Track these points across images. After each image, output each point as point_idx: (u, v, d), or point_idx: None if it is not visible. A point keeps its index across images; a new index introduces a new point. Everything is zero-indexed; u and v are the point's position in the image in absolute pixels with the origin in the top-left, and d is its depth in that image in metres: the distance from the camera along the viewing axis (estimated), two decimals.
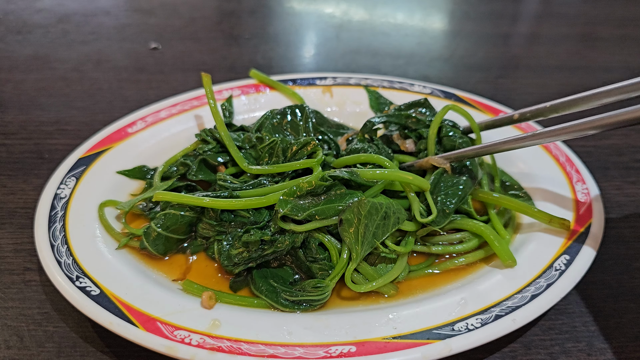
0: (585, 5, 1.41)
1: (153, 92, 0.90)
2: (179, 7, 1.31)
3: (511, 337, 0.49)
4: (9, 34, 1.13)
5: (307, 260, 0.52)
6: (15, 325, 0.50)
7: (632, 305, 0.54)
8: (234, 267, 0.52)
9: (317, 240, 0.52)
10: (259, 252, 0.52)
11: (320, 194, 0.52)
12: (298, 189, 0.51)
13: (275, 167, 0.59)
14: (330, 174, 0.53)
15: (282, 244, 0.51)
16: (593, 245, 0.54)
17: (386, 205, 0.51)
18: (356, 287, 0.50)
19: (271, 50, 1.10)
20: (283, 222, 0.51)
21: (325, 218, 0.51)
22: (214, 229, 0.55)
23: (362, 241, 0.50)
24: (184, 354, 0.43)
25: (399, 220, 0.53)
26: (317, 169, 0.56)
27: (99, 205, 0.59)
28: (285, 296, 0.50)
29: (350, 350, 0.44)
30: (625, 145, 0.79)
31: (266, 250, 0.52)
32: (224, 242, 0.53)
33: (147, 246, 0.55)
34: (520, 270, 0.52)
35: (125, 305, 0.47)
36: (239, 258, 0.52)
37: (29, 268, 0.56)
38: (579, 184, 0.62)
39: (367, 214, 0.50)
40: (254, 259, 0.52)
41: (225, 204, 0.53)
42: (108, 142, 0.67)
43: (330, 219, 0.51)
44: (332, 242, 0.52)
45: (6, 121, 0.82)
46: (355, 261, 0.50)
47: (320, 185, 0.51)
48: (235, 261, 0.52)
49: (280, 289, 0.51)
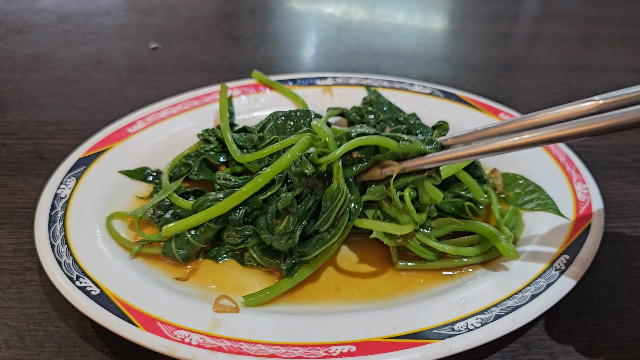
0: (586, 5, 1.41)
1: (153, 92, 0.90)
2: (179, 7, 1.30)
3: (511, 336, 0.49)
4: (9, 34, 1.13)
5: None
6: (15, 325, 0.50)
7: (632, 305, 0.54)
8: (292, 237, 0.52)
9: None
10: (302, 207, 0.52)
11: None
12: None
13: (267, 149, 0.58)
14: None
15: (316, 187, 0.52)
16: (593, 245, 0.54)
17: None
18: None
19: (271, 50, 1.10)
20: (318, 158, 0.51)
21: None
22: (239, 234, 0.55)
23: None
24: (184, 353, 0.43)
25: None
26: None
27: (107, 218, 0.58)
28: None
29: (350, 350, 0.44)
30: (625, 145, 0.79)
31: (309, 202, 0.52)
32: (263, 233, 0.54)
33: (173, 252, 0.55)
34: (520, 269, 0.52)
35: (126, 305, 0.47)
36: (290, 226, 0.52)
37: (29, 268, 0.56)
38: (579, 184, 0.62)
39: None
40: (303, 216, 0.52)
41: (232, 199, 0.53)
42: (108, 142, 0.67)
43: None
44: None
45: (6, 121, 0.82)
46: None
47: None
48: (290, 230, 0.52)
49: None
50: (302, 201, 0.53)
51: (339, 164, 0.51)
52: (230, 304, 0.49)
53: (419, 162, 0.50)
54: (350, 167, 0.53)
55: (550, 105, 0.45)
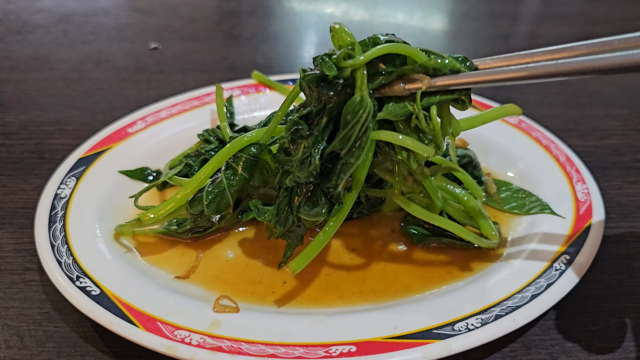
0: (585, 5, 1.41)
1: (153, 92, 0.90)
2: (179, 7, 1.30)
3: (511, 337, 0.49)
4: (9, 34, 1.13)
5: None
6: (15, 325, 0.50)
7: (632, 305, 0.54)
8: (311, 161, 0.46)
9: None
10: (315, 127, 0.46)
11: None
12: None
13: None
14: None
15: (331, 101, 0.45)
16: (593, 245, 0.54)
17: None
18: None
19: (271, 50, 1.10)
20: (343, 60, 0.43)
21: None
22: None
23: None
24: (184, 353, 0.43)
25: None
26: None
27: (114, 235, 0.57)
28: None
29: (350, 350, 0.44)
30: (625, 145, 0.79)
31: (322, 120, 0.46)
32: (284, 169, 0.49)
33: (203, 203, 0.53)
34: (521, 269, 0.52)
35: (126, 305, 0.47)
36: (307, 151, 0.46)
37: (29, 268, 0.56)
38: (579, 184, 0.62)
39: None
40: (319, 137, 0.46)
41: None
42: (108, 142, 0.67)
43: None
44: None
45: (6, 121, 0.82)
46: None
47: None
48: (307, 155, 0.46)
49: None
50: (313, 121, 0.47)
51: (363, 72, 0.44)
52: (230, 304, 0.49)
53: (450, 80, 0.44)
54: (372, 79, 0.45)
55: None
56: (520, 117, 0.74)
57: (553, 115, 0.84)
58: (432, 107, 0.45)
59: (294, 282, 0.54)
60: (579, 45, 0.41)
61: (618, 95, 0.94)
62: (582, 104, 0.90)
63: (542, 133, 0.71)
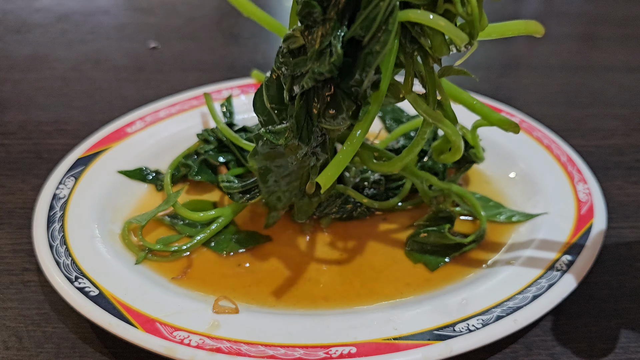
0: (587, 4, 1.41)
1: (152, 91, 0.90)
2: (178, 6, 1.30)
3: (512, 337, 0.49)
4: (8, 33, 1.12)
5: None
6: (13, 326, 0.50)
7: (633, 305, 0.53)
8: (332, 50, 0.39)
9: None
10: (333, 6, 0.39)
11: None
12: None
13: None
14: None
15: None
16: (595, 246, 0.54)
17: None
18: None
19: (271, 50, 1.10)
20: None
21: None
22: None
23: None
24: (183, 354, 0.43)
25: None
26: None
27: (123, 225, 0.57)
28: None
29: (350, 351, 0.44)
30: (627, 145, 0.79)
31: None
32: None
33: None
34: (522, 270, 0.52)
35: (124, 306, 0.47)
36: (325, 39, 0.40)
37: (27, 268, 0.56)
38: (581, 184, 0.62)
39: None
40: (337, 21, 0.39)
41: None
42: (107, 142, 0.67)
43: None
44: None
45: (5, 121, 0.82)
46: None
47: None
48: (325, 44, 0.40)
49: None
50: (330, 1, 0.40)
51: None
52: (229, 305, 0.49)
53: None
54: None
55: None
56: (521, 117, 0.74)
57: (554, 115, 0.84)
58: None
59: (294, 283, 0.54)
60: None
61: (619, 95, 0.93)
62: (584, 104, 0.90)
63: (544, 133, 0.71)
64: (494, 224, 0.61)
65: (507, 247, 0.57)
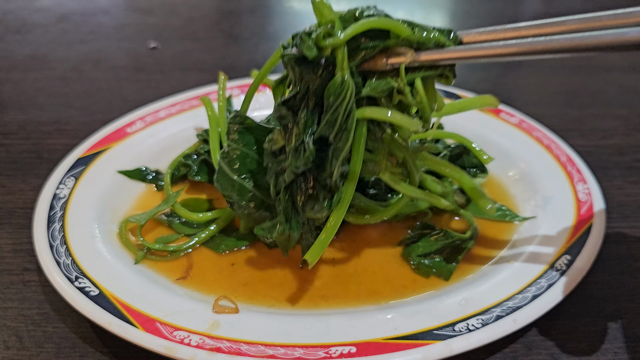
0: (586, 5, 1.41)
1: (152, 91, 0.90)
2: (178, 6, 1.30)
3: (512, 337, 0.49)
4: (8, 33, 1.12)
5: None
6: (14, 326, 0.50)
7: (633, 305, 0.53)
8: (305, 147, 0.45)
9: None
10: (303, 110, 0.44)
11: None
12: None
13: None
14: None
15: (313, 82, 0.44)
16: (594, 246, 0.54)
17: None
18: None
19: (271, 50, 1.10)
20: (323, 39, 0.42)
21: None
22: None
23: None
24: (183, 354, 0.43)
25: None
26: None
27: (121, 224, 0.57)
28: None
29: (350, 351, 0.44)
30: (626, 145, 0.79)
31: (310, 102, 0.45)
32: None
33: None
34: (521, 270, 0.52)
35: (125, 306, 0.47)
36: (299, 137, 0.45)
37: (27, 268, 0.56)
38: (580, 184, 0.62)
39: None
40: (308, 121, 0.45)
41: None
42: (107, 142, 0.67)
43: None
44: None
45: (5, 121, 0.82)
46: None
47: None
48: (299, 142, 0.45)
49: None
50: (300, 105, 0.46)
51: (344, 50, 0.42)
52: (229, 305, 0.49)
53: (435, 55, 0.43)
54: (354, 55, 0.44)
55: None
56: (521, 117, 0.74)
57: (554, 115, 0.84)
58: (417, 80, 0.44)
59: (293, 283, 0.54)
60: (567, 20, 0.40)
61: (619, 95, 0.93)
62: (583, 104, 0.90)
63: (543, 133, 0.71)
64: (494, 224, 0.61)
65: (506, 247, 0.57)
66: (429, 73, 0.45)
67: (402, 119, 0.45)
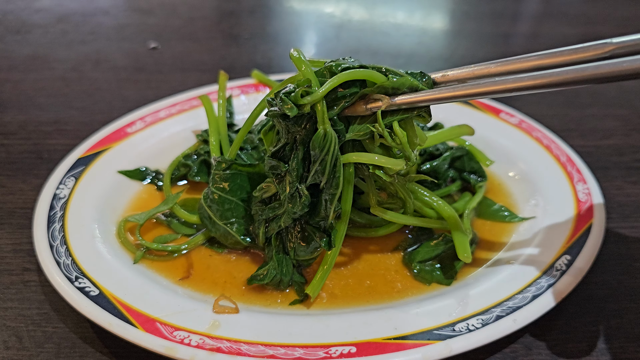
0: (586, 5, 1.41)
1: (152, 92, 0.90)
2: (178, 6, 1.30)
3: (512, 337, 0.49)
4: (8, 33, 1.12)
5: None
6: (14, 326, 0.50)
7: (633, 305, 0.53)
8: (300, 194, 0.48)
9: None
10: (294, 160, 0.48)
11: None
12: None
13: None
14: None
15: (299, 134, 0.47)
16: (594, 246, 0.54)
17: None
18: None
19: (271, 50, 1.10)
20: (301, 98, 0.45)
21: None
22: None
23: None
24: (184, 354, 0.43)
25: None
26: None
27: (119, 223, 0.57)
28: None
29: (350, 351, 0.44)
30: (626, 145, 0.79)
31: (299, 153, 0.48)
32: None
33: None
34: (521, 270, 0.52)
35: (125, 306, 0.47)
36: (293, 185, 0.48)
37: (27, 268, 0.56)
38: (580, 184, 0.62)
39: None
40: (299, 169, 0.48)
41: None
42: (107, 142, 0.67)
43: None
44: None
45: (5, 121, 0.82)
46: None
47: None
48: (294, 189, 0.48)
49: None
50: (290, 155, 0.49)
51: (323, 104, 0.46)
52: (229, 305, 0.49)
53: (409, 98, 0.46)
54: (334, 104, 0.47)
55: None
56: (521, 117, 0.74)
57: (554, 115, 0.84)
58: (394, 123, 0.47)
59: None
60: (530, 57, 0.43)
61: (618, 95, 0.93)
62: (583, 104, 0.90)
63: (543, 133, 0.71)
64: (494, 224, 0.61)
65: (506, 247, 0.57)
66: (407, 115, 0.47)
67: (387, 161, 0.48)
